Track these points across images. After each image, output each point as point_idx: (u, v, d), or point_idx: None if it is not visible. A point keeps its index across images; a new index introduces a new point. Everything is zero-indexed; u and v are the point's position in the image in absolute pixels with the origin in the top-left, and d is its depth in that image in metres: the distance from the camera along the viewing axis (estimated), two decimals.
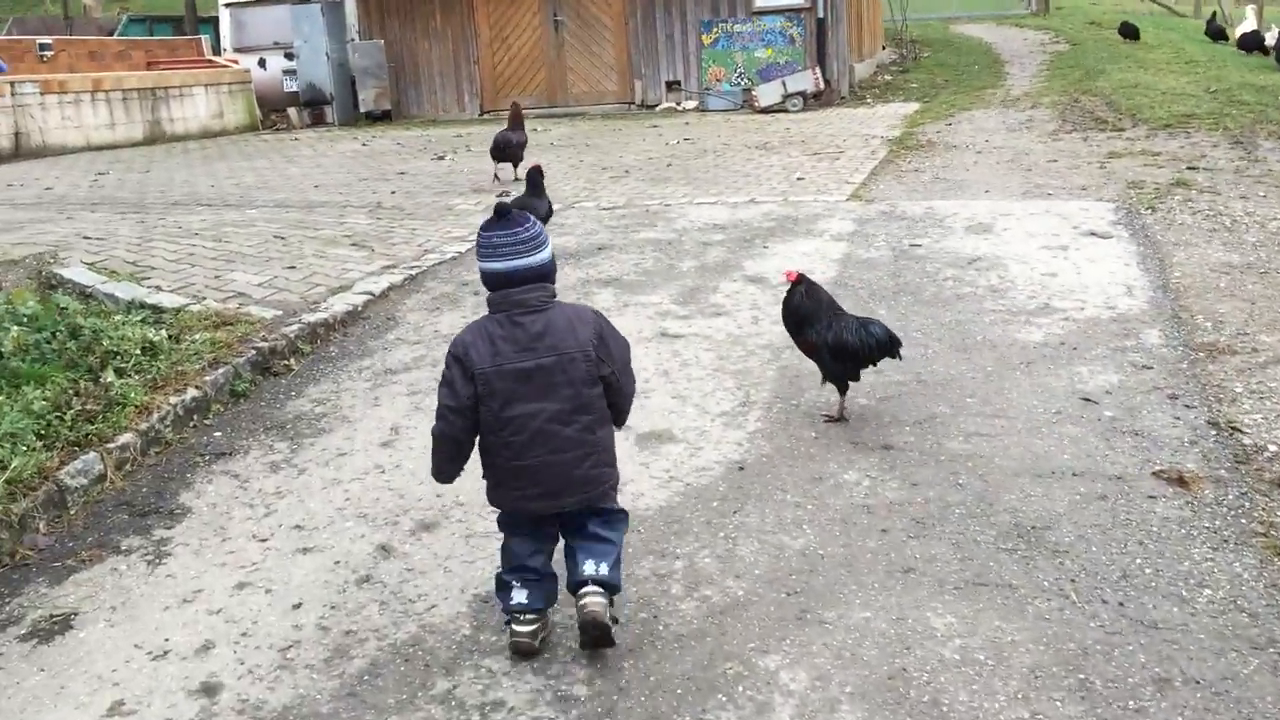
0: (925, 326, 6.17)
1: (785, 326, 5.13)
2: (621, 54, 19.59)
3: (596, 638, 3.28)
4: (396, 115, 20.37)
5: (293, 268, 7.64)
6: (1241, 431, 4.76)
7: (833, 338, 4.89)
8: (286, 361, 6.03)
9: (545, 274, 3.30)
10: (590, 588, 3.28)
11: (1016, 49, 23.41)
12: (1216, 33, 22.46)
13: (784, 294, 5.10)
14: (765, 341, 6.09)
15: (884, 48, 24.01)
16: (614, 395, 3.40)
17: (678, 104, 19.30)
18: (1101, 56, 20.54)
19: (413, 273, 7.63)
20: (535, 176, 8.20)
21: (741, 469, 4.68)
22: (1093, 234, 7.77)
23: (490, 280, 3.31)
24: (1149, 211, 8.42)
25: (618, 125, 16.62)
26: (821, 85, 17.77)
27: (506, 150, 11.09)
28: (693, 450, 4.87)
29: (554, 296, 3.34)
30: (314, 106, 20.17)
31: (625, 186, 10.87)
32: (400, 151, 14.92)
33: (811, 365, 5.15)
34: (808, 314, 4.97)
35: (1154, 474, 4.43)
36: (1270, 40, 19.46)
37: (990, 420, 4.97)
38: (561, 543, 3.51)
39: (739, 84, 18.78)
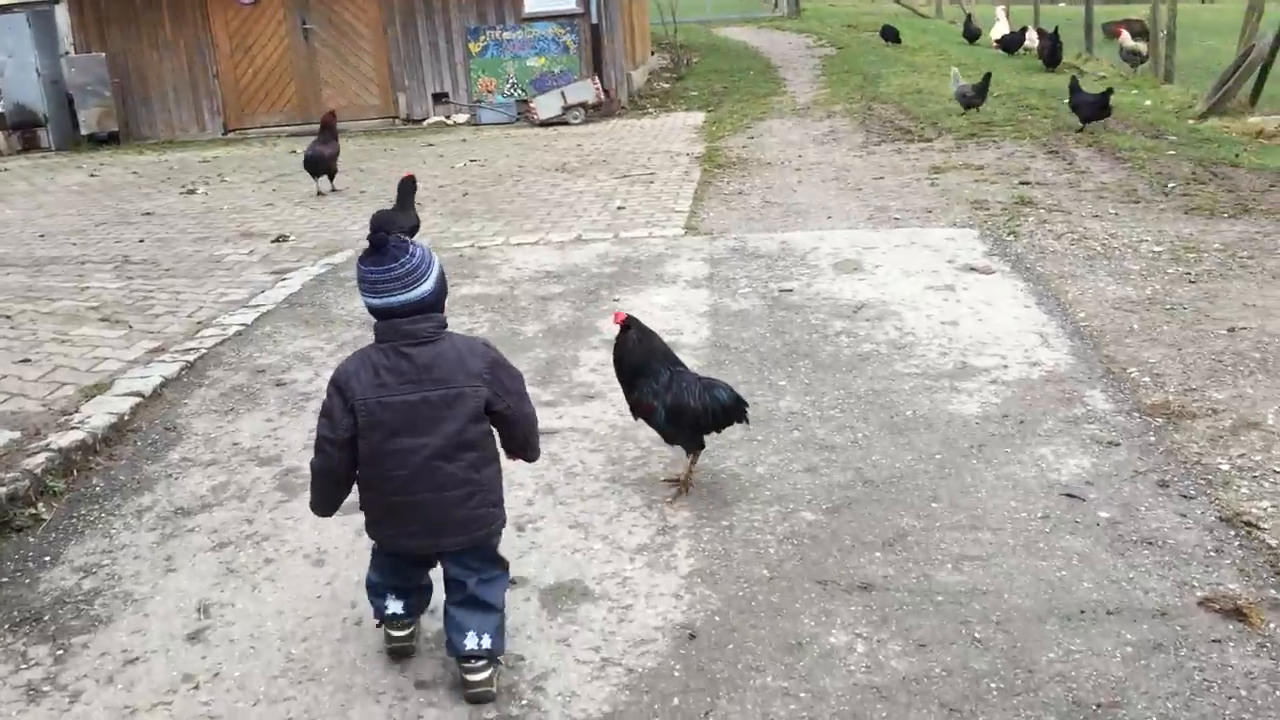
0: (841, 400, 5.21)
1: (618, 378, 4.43)
2: (382, 64, 18.01)
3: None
4: (126, 137, 18.05)
5: (26, 360, 5.97)
6: (1259, 528, 4.00)
7: (672, 400, 4.27)
8: (33, 510, 4.47)
9: (427, 306, 3.14)
10: (474, 664, 3.22)
11: (784, 53, 23.19)
12: (974, 34, 22.88)
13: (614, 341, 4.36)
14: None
15: (653, 53, 23.30)
16: (513, 428, 3.30)
17: (447, 117, 17.90)
18: (871, 60, 20.49)
19: (190, 358, 6.08)
20: (406, 189, 7.53)
21: (693, 637, 3.56)
22: (972, 269, 7.05)
23: (373, 313, 3.16)
24: (1012, 238, 7.80)
25: (387, 144, 15.12)
26: (602, 96, 16.78)
27: (320, 164, 10.91)
28: (620, 612, 3.71)
29: (443, 326, 3.19)
30: (24, 130, 17.60)
31: (423, 224, 9.48)
32: (139, 183, 12.94)
33: (738, 464, 4.07)
34: (640, 366, 4.31)
35: (1202, 604, 3.59)
36: (1030, 41, 19.84)
37: (973, 535, 4.03)
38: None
39: (512, 95, 17.58)
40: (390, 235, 3.11)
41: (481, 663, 3.21)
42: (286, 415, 5.37)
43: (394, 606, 3.35)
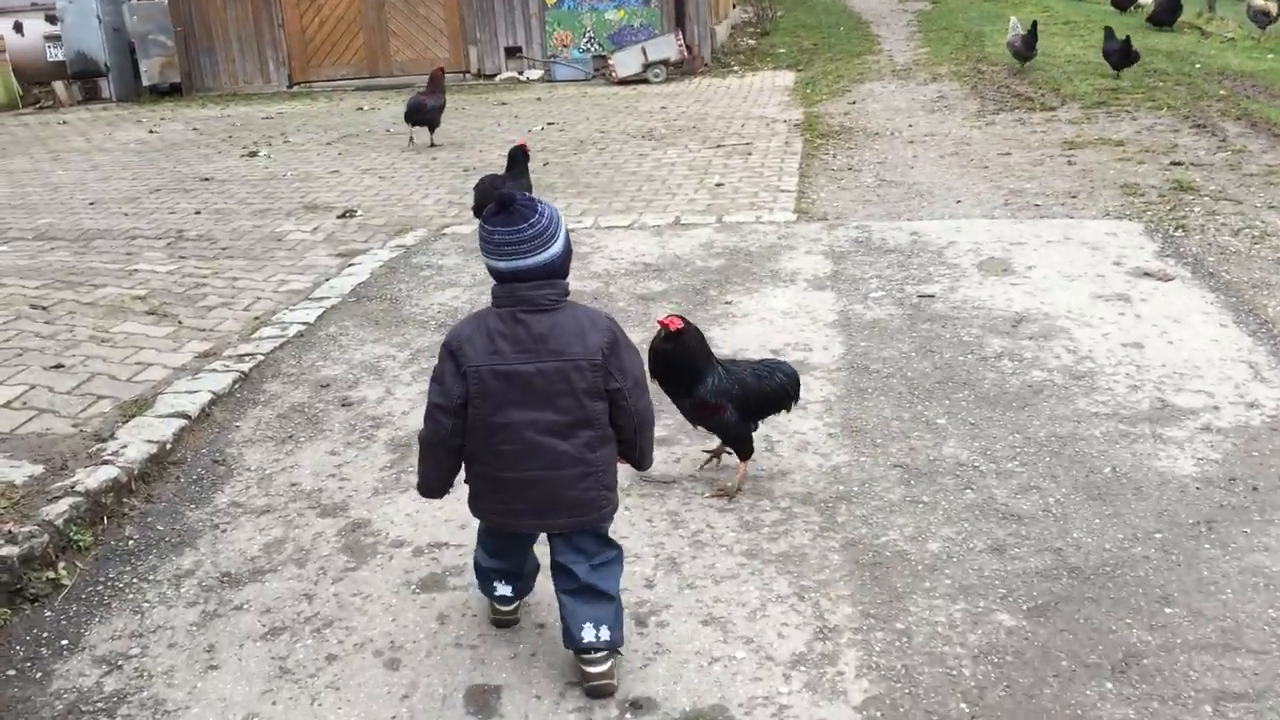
0: (1018, 449, 4.29)
1: (663, 386, 3.96)
2: (453, 15, 17.11)
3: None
4: (188, 89, 17.35)
5: (59, 366, 5.20)
6: None
7: (739, 389, 3.95)
8: (52, 573, 3.69)
9: (553, 271, 2.97)
10: (593, 655, 3.03)
11: (874, 7, 21.94)
12: None
13: (659, 342, 3.87)
14: (801, 482, 4.10)
15: (734, 5, 22.14)
16: (623, 417, 3.05)
17: (520, 73, 16.99)
18: (971, 16, 19.22)
19: (245, 367, 5.29)
20: (518, 156, 6.95)
21: None
22: (1146, 274, 6.04)
23: (495, 276, 2.99)
24: (1182, 234, 6.76)
25: (459, 102, 14.21)
26: (685, 53, 15.75)
27: (420, 114, 10.82)
28: None
29: (566, 294, 3.02)
30: (86, 80, 16.96)
31: None
32: (199, 142, 12.20)
33: (903, 536, 3.18)
34: (698, 368, 3.91)
35: None
36: None
37: (1230, 660, 3.12)
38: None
39: (589, 50, 16.62)
40: (517, 194, 2.93)
41: (601, 654, 3.04)
42: (354, 447, 4.55)
43: (502, 589, 3.27)
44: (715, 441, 4.28)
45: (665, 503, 4.05)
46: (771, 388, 4.08)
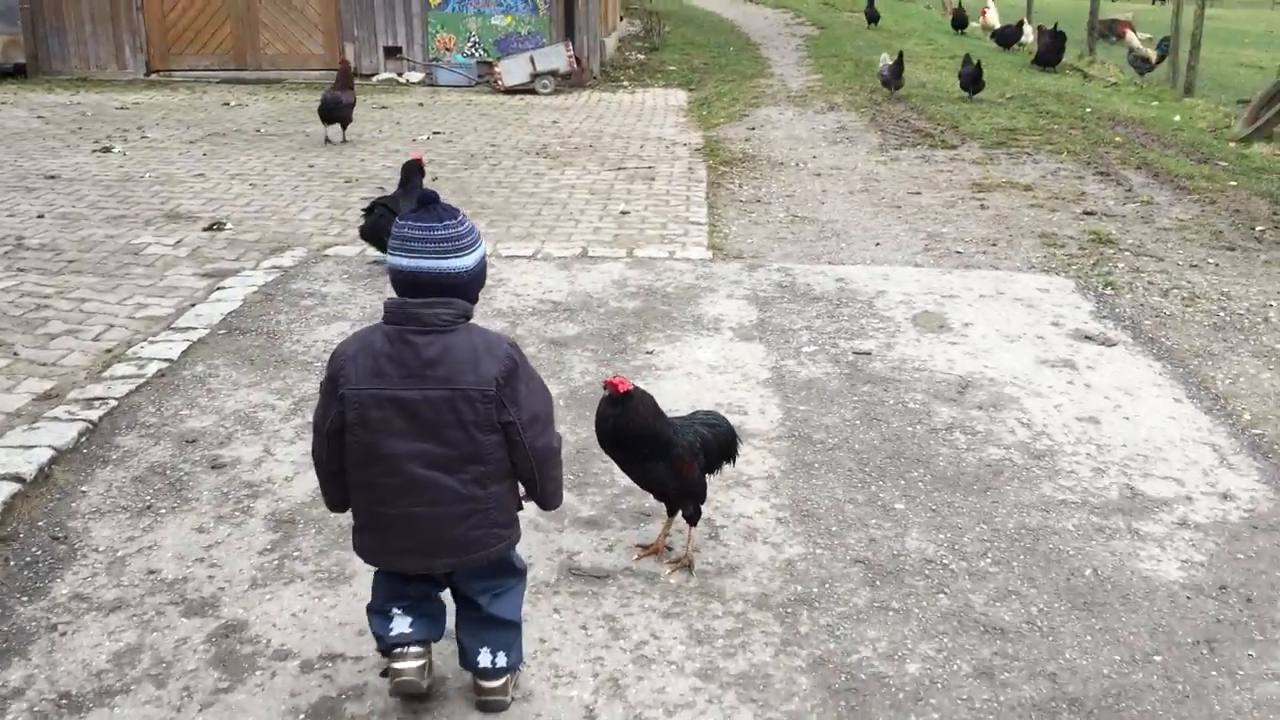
0: (988, 543, 3.86)
1: (614, 455, 3.55)
2: (329, 9, 16.21)
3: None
4: (34, 71, 16.01)
5: None
6: None
7: (701, 442, 3.66)
8: None
9: (457, 285, 2.71)
10: (488, 682, 2.90)
11: (762, 29, 21.77)
12: (962, 23, 21.59)
13: (605, 407, 3.44)
14: (753, 580, 3.59)
15: (621, 18, 21.69)
16: (518, 455, 2.76)
17: (399, 75, 16.18)
18: (859, 44, 19.17)
19: (93, 414, 4.52)
20: (412, 173, 6.27)
21: None
22: (1088, 338, 5.73)
23: (394, 279, 2.73)
24: (1112, 293, 6.51)
25: None
26: (575, 65, 15.21)
27: (336, 111, 10.44)
28: None
29: (464, 317, 2.72)
30: None
31: None
32: (45, 133, 11.11)
33: (877, 653, 2.69)
34: (655, 430, 3.48)
35: None
36: (1027, 36, 18.63)
37: None
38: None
39: (474, 55, 15.93)
40: (436, 195, 2.75)
41: (497, 679, 2.91)
42: (226, 522, 3.86)
43: (399, 625, 2.85)
44: (650, 530, 3.74)
45: (600, 604, 3.48)
46: (723, 435, 3.80)
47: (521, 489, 2.92)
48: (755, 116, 12.60)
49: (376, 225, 6.19)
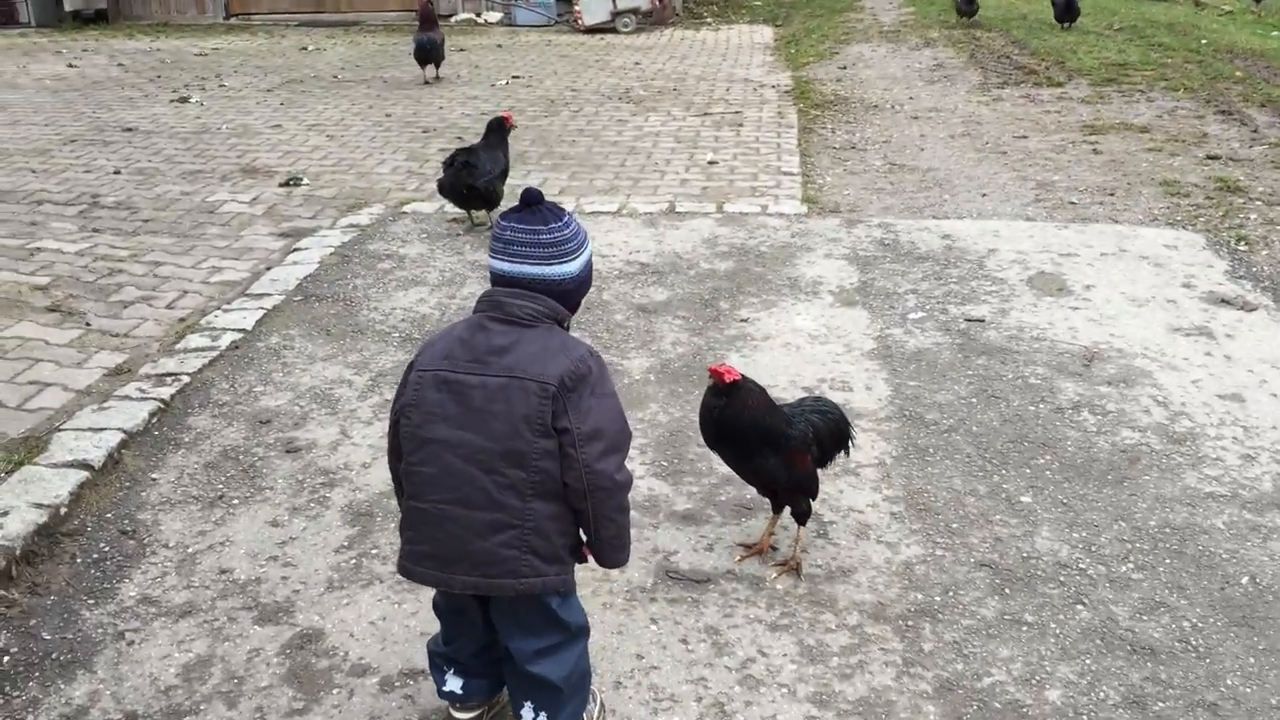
0: (1127, 542, 3.49)
1: (720, 450, 3.27)
2: None
3: None
4: (115, 16, 15.97)
5: None
6: None
7: (814, 432, 3.33)
8: None
9: (560, 293, 2.44)
10: None
11: None
12: None
13: (710, 398, 3.18)
14: (868, 586, 3.27)
15: None
16: (571, 475, 2.36)
17: (477, 15, 15.84)
18: None
19: (166, 391, 4.31)
20: (496, 127, 6.15)
21: None
22: (1224, 301, 5.25)
23: (494, 281, 2.48)
24: (1246, 248, 5.99)
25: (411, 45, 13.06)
26: (656, 1, 14.72)
27: (432, 52, 10.65)
28: None
29: (552, 318, 2.43)
30: (2, 2, 15.53)
31: None
32: (124, 82, 10.99)
33: (1012, 677, 2.35)
34: (762, 422, 3.17)
35: None
36: None
37: None
38: None
39: None
40: (540, 192, 2.45)
41: None
42: (302, 514, 3.63)
43: (452, 684, 2.67)
44: (753, 526, 3.43)
45: (702, 613, 3.19)
46: (835, 423, 3.46)
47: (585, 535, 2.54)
48: (846, 54, 12.05)
49: (455, 180, 5.92)
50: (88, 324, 4.88)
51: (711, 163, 7.71)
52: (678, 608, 3.22)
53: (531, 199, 2.45)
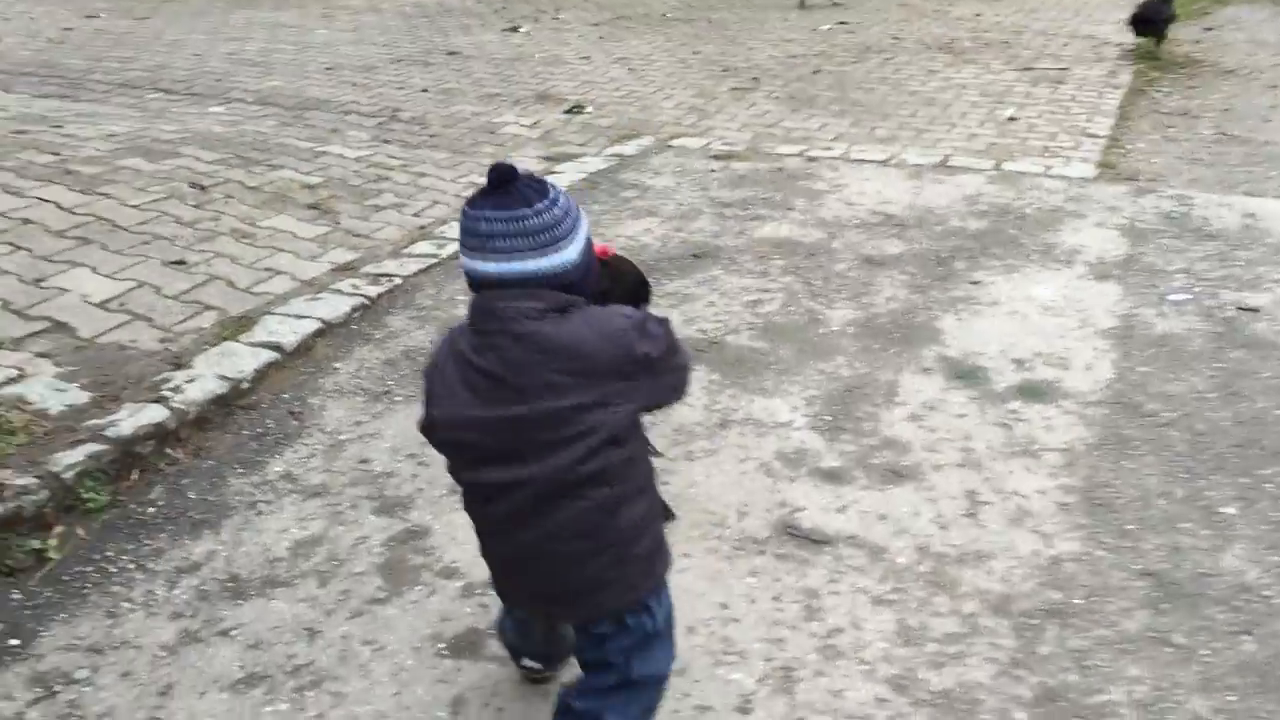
0: None
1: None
2: None
3: None
4: None
5: (180, 262, 4.61)
6: None
7: None
8: (38, 542, 3.05)
9: (566, 283, 1.94)
10: None
11: None
12: None
13: None
14: (1001, 575, 2.93)
15: None
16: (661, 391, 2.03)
17: None
18: None
19: (374, 290, 4.54)
20: None
21: None
22: None
23: (473, 284, 1.97)
24: None
25: None
26: None
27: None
28: None
29: (557, 308, 1.92)
30: None
31: (752, 111, 7.51)
32: (470, 10, 11.63)
33: (1131, 701, 1.99)
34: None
35: None
36: None
37: None
38: None
39: None
40: (518, 168, 1.93)
41: None
42: None
43: (529, 663, 2.59)
44: (898, 497, 3.15)
45: (805, 575, 2.99)
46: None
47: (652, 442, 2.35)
48: (1219, 15, 10.83)
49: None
50: (337, 223, 5.20)
51: (1011, 119, 7.16)
52: (783, 564, 3.03)
53: (505, 174, 1.93)
